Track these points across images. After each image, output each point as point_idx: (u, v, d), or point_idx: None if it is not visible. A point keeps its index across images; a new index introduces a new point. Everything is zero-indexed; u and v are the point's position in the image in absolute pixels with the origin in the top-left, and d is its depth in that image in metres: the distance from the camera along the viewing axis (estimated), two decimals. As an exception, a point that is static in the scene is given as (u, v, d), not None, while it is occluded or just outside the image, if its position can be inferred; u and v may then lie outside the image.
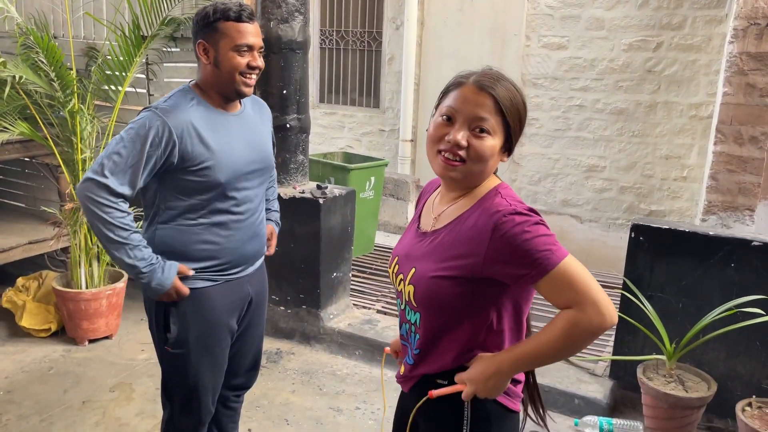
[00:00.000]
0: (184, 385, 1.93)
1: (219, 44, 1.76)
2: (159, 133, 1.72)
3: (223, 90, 1.82)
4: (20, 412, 2.85)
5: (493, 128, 1.29)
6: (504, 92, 1.30)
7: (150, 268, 1.76)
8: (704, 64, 4.65)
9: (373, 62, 6.19)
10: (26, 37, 3.35)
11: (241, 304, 2.00)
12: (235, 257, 1.92)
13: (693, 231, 2.87)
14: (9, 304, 3.62)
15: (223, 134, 1.82)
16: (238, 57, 1.77)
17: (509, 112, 1.29)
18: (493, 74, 1.33)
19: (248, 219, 1.93)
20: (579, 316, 1.22)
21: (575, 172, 5.24)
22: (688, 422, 2.73)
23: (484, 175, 1.33)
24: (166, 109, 1.75)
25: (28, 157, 3.89)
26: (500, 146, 1.31)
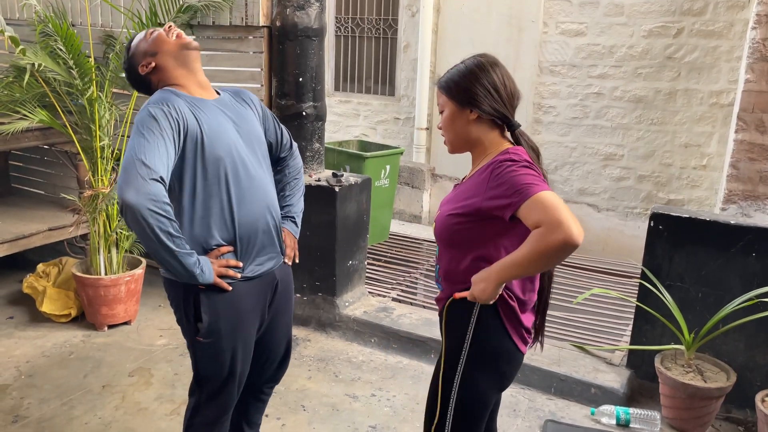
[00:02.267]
0: (218, 374, 1.93)
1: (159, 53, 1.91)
2: (167, 114, 1.73)
3: (182, 72, 1.91)
4: (41, 396, 2.90)
5: (444, 104, 1.66)
6: (444, 78, 1.66)
7: (199, 269, 1.77)
8: (726, 51, 4.57)
9: (388, 50, 6.15)
10: (45, 25, 3.37)
11: (266, 288, 2.00)
12: (249, 242, 1.91)
13: (713, 220, 2.83)
14: (30, 290, 3.67)
15: (213, 113, 1.86)
16: (173, 40, 1.91)
17: (447, 86, 1.64)
18: (448, 71, 1.68)
19: (257, 198, 1.90)
20: (545, 231, 1.41)
21: (592, 161, 5.19)
22: (707, 412, 2.71)
23: (468, 139, 1.65)
24: (159, 100, 1.78)
25: (47, 144, 3.93)
26: (455, 111, 1.63)
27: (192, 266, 1.74)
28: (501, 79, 1.61)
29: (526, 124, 5.28)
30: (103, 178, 3.44)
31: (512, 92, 1.64)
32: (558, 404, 2.97)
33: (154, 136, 1.70)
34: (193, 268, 1.75)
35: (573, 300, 3.72)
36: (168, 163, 1.71)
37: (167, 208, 1.67)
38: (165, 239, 1.67)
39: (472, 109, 1.61)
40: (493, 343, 1.64)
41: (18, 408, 2.80)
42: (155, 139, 1.69)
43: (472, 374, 1.64)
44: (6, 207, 4.14)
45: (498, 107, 1.61)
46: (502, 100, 1.61)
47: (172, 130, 1.73)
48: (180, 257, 1.72)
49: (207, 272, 1.79)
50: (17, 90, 3.49)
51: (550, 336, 3.47)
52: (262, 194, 1.93)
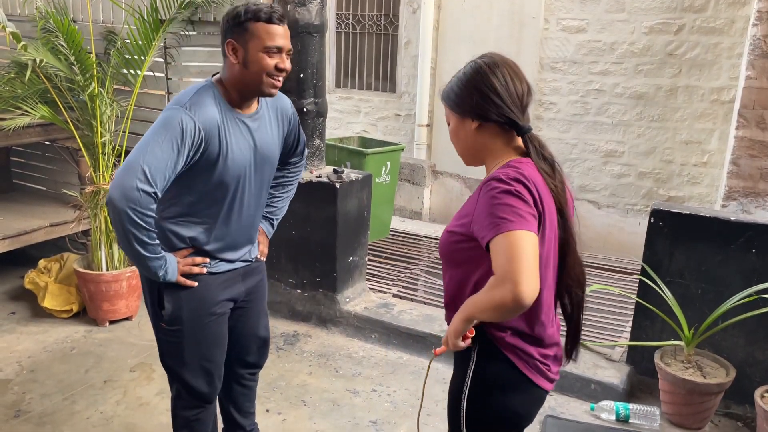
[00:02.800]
0: (183, 361, 1.97)
1: (248, 45, 1.75)
2: (191, 131, 1.71)
3: (249, 89, 1.82)
4: (43, 391, 2.91)
5: (448, 116, 1.57)
6: (445, 89, 1.57)
7: (163, 271, 1.82)
8: (727, 48, 4.57)
9: (389, 46, 6.15)
10: (46, 21, 3.37)
11: (235, 281, 2.02)
12: (224, 250, 1.96)
13: (713, 216, 2.84)
14: (31, 286, 3.68)
15: (235, 137, 1.83)
16: (267, 58, 1.75)
17: (446, 97, 1.55)
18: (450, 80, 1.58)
19: (243, 219, 1.96)
20: (494, 282, 1.32)
21: (593, 158, 5.19)
22: (706, 408, 2.72)
23: (475, 150, 1.54)
24: (194, 106, 1.74)
25: (49, 140, 3.93)
26: (457, 122, 1.53)
27: (156, 269, 1.80)
28: (503, 81, 1.46)
29: (527, 120, 5.29)
30: (104, 174, 3.45)
31: (519, 93, 1.47)
32: (558, 400, 2.98)
33: (170, 149, 1.70)
34: (157, 270, 1.80)
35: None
36: (170, 176, 1.73)
37: (148, 220, 1.71)
38: (136, 244, 1.72)
39: (472, 119, 1.49)
40: (491, 375, 1.51)
41: (20, 402, 2.82)
42: (168, 152, 1.70)
43: (478, 410, 1.52)
44: (7, 203, 4.15)
45: (500, 112, 1.46)
46: (504, 104, 1.46)
47: (190, 148, 1.73)
48: (147, 261, 1.77)
49: (171, 272, 1.83)
50: (19, 86, 3.50)
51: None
52: (250, 219, 1.99)
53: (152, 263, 1.78)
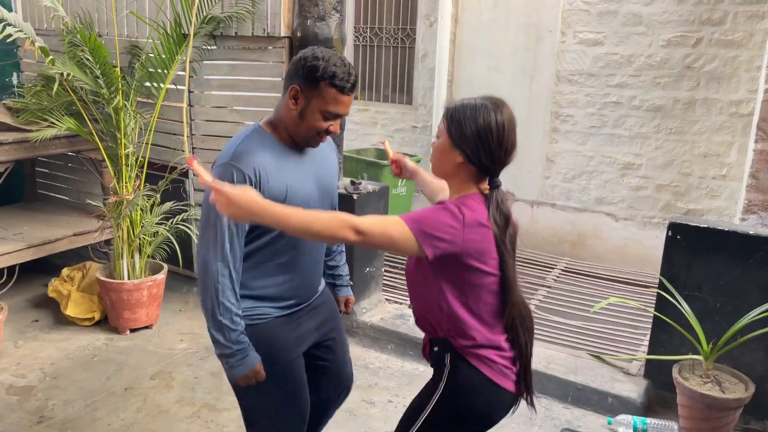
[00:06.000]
0: (266, 413, 1.94)
1: (312, 100, 1.73)
2: (242, 183, 1.68)
3: (295, 137, 1.82)
4: (66, 398, 2.97)
5: (441, 132, 1.64)
6: (453, 107, 1.62)
7: (240, 352, 1.79)
8: (745, 60, 4.55)
9: (406, 59, 6.20)
10: (73, 36, 3.46)
11: (307, 325, 2.00)
12: (299, 294, 1.94)
13: (732, 230, 2.83)
14: (55, 294, 3.76)
15: (294, 171, 1.81)
16: (322, 120, 1.75)
17: (450, 118, 1.60)
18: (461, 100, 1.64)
19: (312, 255, 1.94)
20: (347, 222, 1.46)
21: (610, 170, 5.17)
22: (725, 423, 2.70)
23: (447, 175, 1.64)
24: (239, 155, 1.73)
25: (74, 151, 4.02)
26: (446, 146, 1.60)
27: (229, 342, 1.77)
28: (500, 131, 1.56)
29: (544, 133, 5.29)
30: (127, 184, 3.52)
31: (509, 149, 1.59)
32: (575, 413, 2.97)
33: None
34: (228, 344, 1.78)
35: (590, 309, 3.71)
36: (243, 236, 1.77)
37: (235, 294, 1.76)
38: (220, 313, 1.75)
39: (460, 153, 1.58)
40: (462, 380, 1.64)
41: (43, 409, 2.87)
42: (233, 224, 1.72)
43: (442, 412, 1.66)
44: (33, 212, 4.24)
45: (486, 162, 1.57)
46: (492, 156, 1.57)
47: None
48: (229, 333, 1.77)
49: (243, 368, 1.80)
50: (45, 98, 3.59)
51: (567, 345, 3.47)
52: (315, 258, 1.97)
53: (229, 334, 1.77)
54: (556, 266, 4.93)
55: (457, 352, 1.64)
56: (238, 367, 1.79)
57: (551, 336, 3.60)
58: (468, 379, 1.64)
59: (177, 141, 3.99)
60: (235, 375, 1.80)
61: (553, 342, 3.50)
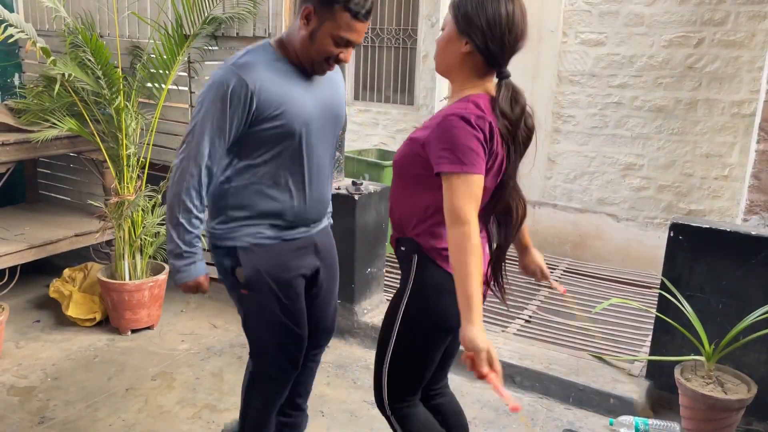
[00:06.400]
0: (270, 325, 1.92)
1: (325, 23, 1.69)
2: (237, 90, 1.68)
3: (303, 60, 1.78)
4: (67, 398, 2.96)
5: (447, 23, 1.59)
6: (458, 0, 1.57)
7: (189, 257, 1.79)
8: (747, 61, 4.55)
9: (407, 59, 6.20)
10: (74, 36, 3.46)
11: (310, 257, 1.98)
12: (299, 219, 1.91)
13: (734, 230, 2.82)
14: (56, 294, 3.76)
15: (298, 87, 1.78)
16: (333, 45, 1.71)
17: (456, 6, 1.56)
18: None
19: (313, 177, 1.90)
20: (452, 231, 1.45)
21: (612, 170, 5.17)
22: (727, 424, 2.69)
23: (452, 67, 1.59)
24: (243, 65, 1.71)
25: (75, 152, 4.02)
26: (452, 35, 1.56)
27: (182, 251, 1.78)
28: (510, 19, 1.53)
29: (545, 133, 5.29)
30: (128, 185, 3.52)
31: (518, 37, 1.55)
32: (576, 414, 2.97)
33: (221, 118, 1.70)
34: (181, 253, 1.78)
35: (592, 309, 3.71)
36: (229, 140, 1.74)
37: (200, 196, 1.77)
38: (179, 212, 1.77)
39: (467, 41, 1.54)
40: (429, 276, 1.67)
41: (44, 409, 2.87)
42: (220, 122, 1.70)
43: (413, 311, 1.69)
44: (34, 213, 4.24)
45: (494, 49, 1.53)
46: (502, 43, 1.53)
47: (243, 110, 1.70)
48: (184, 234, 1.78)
49: (186, 275, 1.80)
50: (47, 99, 3.59)
51: (569, 345, 3.47)
52: (322, 183, 1.94)
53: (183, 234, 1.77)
54: (558, 267, 4.93)
55: (424, 253, 1.65)
56: (184, 273, 1.79)
57: (553, 337, 3.60)
58: (434, 278, 1.66)
59: (178, 141, 3.98)
60: (179, 280, 1.80)
61: (555, 343, 3.49)
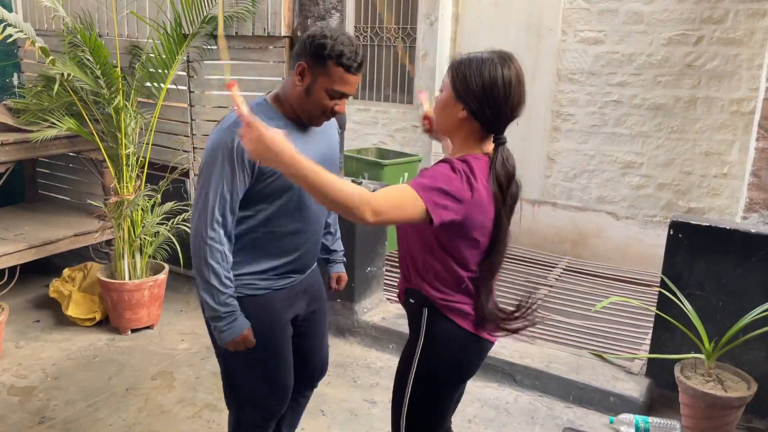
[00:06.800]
0: (253, 381, 1.94)
1: (319, 78, 1.73)
2: (240, 149, 1.69)
3: (300, 114, 1.82)
4: (67, 398, 2.96)
5: (445, 86, 1.60)
6: (459, 60, 1.59)
7: (230, 316, 1.80)
8: (746, 59, 4.54)
9: (407, 58, 6.19)
10: (73, 36, 3.46)
11: (298, 297, 2.02)
12: (299, 264, 1.95)
13: (734, 228, 2.82)
14: (56, 294, 3.75)
15: (297, 142, 1.75)
16: (328, 99, 1.75)
17: (455, 71, 1.57)
18: (468, 54, 1.61)
19: (313, 226, 1.94)
20: (363, 198, 1.40)
21: (611, 169, 5.17)
22: (727, 422, 2.69)
23: (449, 130, 1.63)
24: (239, 123, 1.70)
25: (74, 152, 4.02)
26: (450, 99, 1.57)
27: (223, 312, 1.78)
28: (507, 87, 1.52)
29: (545, 131, 5.29)
30: (128, 185, 3.51)
31: (515, 105, 1.55)
32: (576, 412, 2.97)
33: (229, 179, 1.72)
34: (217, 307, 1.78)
35: (592, 308, 3.71)
36: (238, 200, 1.76)
37: (222, 255, 1.76)
38: (210, 275, 1.76)
39: (464, 107, 1.55)
40: (440, 331, 1.67)
41: (44, 409, 2.87)
42: (228, 183, 1.72)
43: (426, 366, 1.69)
44: (33, 213, 4.24)
45: (490, 117, 1.54)
46: (499, 111, 1.54)
47: (246, 169, 1.73)
48: (219, 295, 1.77)
49: (231, 333, 1.80)
50: (46, 99, 3.59)
51: (569, 344, 3.47)
52: (316, 229, 1.97)
53: (218, 296, 1.77)
54: (558, 265, 4.93)
55: (435, 306, 1.66)
56: (227, 331, 1.79)
57: (553, 335, 3.60)
58: (444, 332, 1.67)
59: (177, 141, 3.99)
60: (224, 339, 1.80)
61: (555, 341, 3.50)
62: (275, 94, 1.86)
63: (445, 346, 1.68)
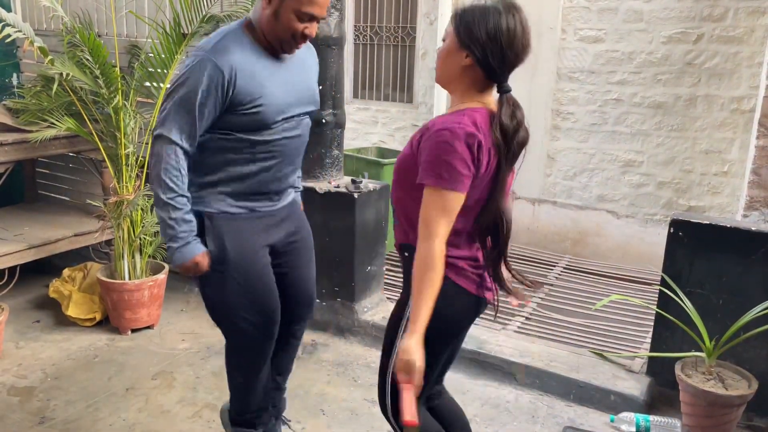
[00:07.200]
0: (235, 302, 1.90)
1: (286, 0, 1.71)
2: (213, 78, 1.68)
3: (271, 40, 1.78)
4: (67, 398, 2.96)
5: (448, 34, 1.58)
6: (462, 9, 1.56)
7: (183, 237, 1.77)
8: (746, 57, 4.54)
9: (406, 57, 6.19)
10: (72, 36, 3.45)
11: (277, 230, 1.98)
12: (264, 191, 1.92)
13: (734, 226, 2.82)
14: (56, 294, 3.75)
15: (273, 75, 1.79)
16: (297, 21, 1.72)
17: (458, 18, 1.55)
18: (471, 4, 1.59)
19: (285, 159, 1.92)
20: (418, 245, 1.47)
21: (611, 167, 5.17)
22: (728, 420, 2.69)
23: (452, 79, 1.59)
24: (218, 51, 1.71)
25: (74, 152, 4.02)
26: (453, 47, 1.55)
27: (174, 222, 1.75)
28: (511, 33, 1.53)
29: (545, 130, 5.29)
30: (127, 185, 3.51)
31: (519, 51, 1.55)
32: (577, 411, 2.97)
33: (196, 104, 1.70)
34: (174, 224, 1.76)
35: (592, 306, 3.70)
36: (205, 126, 1.74)
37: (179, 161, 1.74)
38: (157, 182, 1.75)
39: (468, 54, 1.54)
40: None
41: (44, 409, 2.87)
42: (194, 109, 1.70)
43: None
44: (33, 213, 4.24)
45: (495, 63, 1.53)
46: (503, 57, 1.53)
47: (218, 96, 1.71)
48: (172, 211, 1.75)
49: (182, 255, 1.77)
50: (45, 99, 3.59)
51: (569, 342, 3.47)
52: (293, 162, 1.95)
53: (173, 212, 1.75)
54: (558, 264, 4.92)
55: None
56: (180, 253, 1.77)
57: (553, 334, 3.59)
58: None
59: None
60: (175, 261, 1.78)
61: (555, 340, 3.49)
62: (248, 22, 1.82)
63: (437, 302, 1.64)
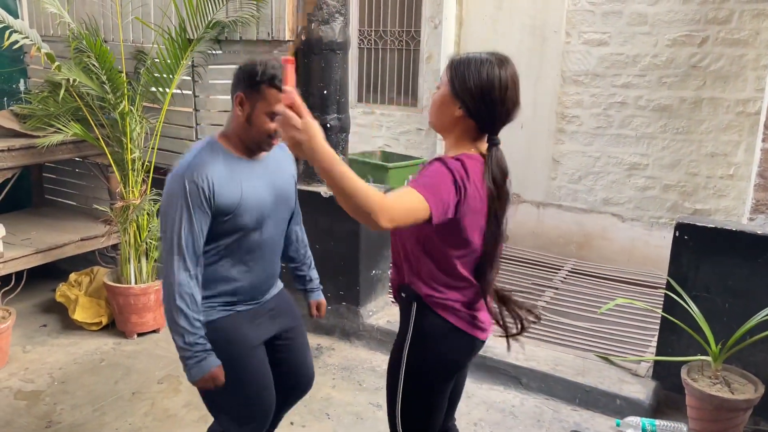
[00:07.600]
0: (228, 397, 1.97)
1: (257, 104, 1.82)
2: (194, 193, 1.78)
3: (249, 144, 1.89)
4: (74, 402, 2.98)
5: (443, 83, 1.62)
6: (458, 59, 1.61)
7: (196, 357, 1.84)
8: (752, 59, 4.53)
9: (411, 61, 6.20)
10: (79, 42, 3.48)
11: (266, 325, 2.06)
12: (250, 292, 2.00)
13: (740, 230, 2.81)
14: (62, 299, 3.77)
15: (247, 178, 1.88)
16: (269, 122, 1.83)
17: (454, 68, 1.59)
18: (467, 53, 1.63)
19: (266, 258, 2.00)
20: (379, 204, 1.38)
21: (617, 170, 5.15)
22: (734, 424, 2.68)
23: (445, 128, 1.64)
24: (192, 167, 1.81)
25: (80, 157, 4.04)
26: (447, 97, 1.59)
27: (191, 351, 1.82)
28: (503, 89, 1.55)
29: (549, 134, 5.28)
30: (134, 189, 3.53)
31: (511, 107, 1.59)
32: (583, 415, 2.96)
33: (189, 221, 1.79)
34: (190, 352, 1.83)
35: (597, 310, 3.70)
36: (202, 240, 1.83)
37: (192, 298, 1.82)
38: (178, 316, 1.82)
39: (460, 106, 1.58)
40: (429, 326, 1.70)
41: (51, 413, 2.88)
42: (189, 225, 1.79)
43: (415, 360, 1.73)
44: (40, 218, 4.26)
45: (486, 117, 1.57)
46: (494, 112, 1.57)
47: (202, 208, 1.80)
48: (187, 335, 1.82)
49: (198, 371, 1.84)
50: (52, 104, 3.61)
51: (575, 347, 3.46)
52: (272, 261, 2.04)
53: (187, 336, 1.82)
54: (563, 267, 4.91)
55: (424, 301, 1.68)
56: (195, 369, 1.83)
57: (558, 337, 3.59)
58: (433, 326, 1.69)
59: (183, 145, 4.00)
60: (193, 376, 1.85)
61: (561, 344, 3.48)
62: (222, 132, 1.93)
63: (432, 341, 1.70)
